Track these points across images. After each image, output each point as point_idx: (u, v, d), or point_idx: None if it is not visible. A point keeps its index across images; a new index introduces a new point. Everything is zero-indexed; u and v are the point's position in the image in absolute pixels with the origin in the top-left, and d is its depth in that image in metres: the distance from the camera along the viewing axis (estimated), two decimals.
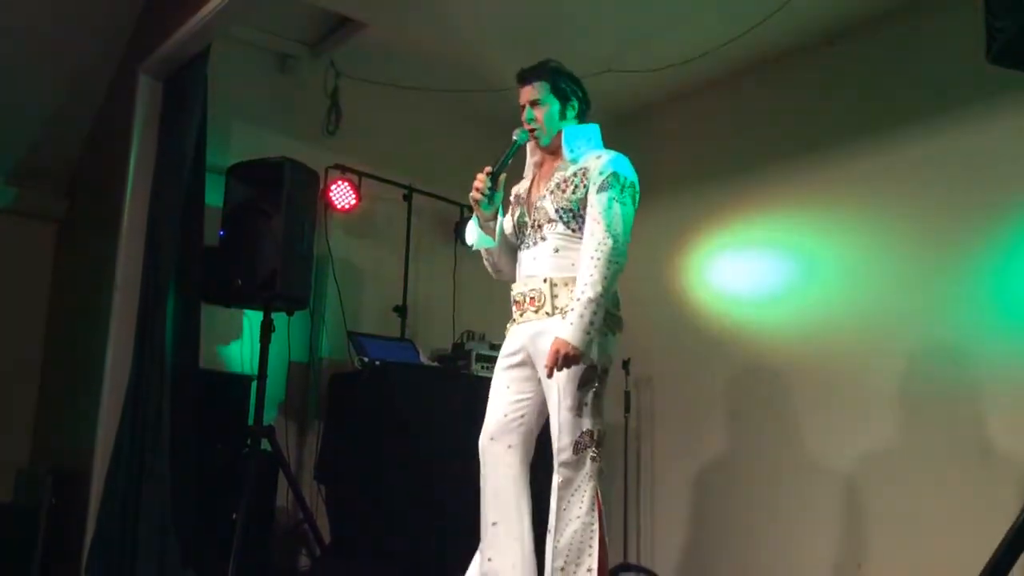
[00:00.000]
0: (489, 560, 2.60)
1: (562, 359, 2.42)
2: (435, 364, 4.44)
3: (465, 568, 2.72)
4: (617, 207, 2.54)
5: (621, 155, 2.67)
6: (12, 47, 4.16)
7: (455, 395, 3.92)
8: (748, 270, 4.52)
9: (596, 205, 2.55)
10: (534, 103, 2.73)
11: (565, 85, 2.74)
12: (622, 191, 2.57)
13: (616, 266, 2.49)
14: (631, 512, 4.67)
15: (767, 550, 4.13)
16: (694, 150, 4.91)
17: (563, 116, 2.74)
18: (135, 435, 3.56)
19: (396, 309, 4.67)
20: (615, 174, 2.58)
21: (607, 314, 2.51)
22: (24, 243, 4.75)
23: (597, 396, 2.53)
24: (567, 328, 2.43)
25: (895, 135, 3.94)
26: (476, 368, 4.29)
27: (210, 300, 3.86)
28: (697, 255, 4.79)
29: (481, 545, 2.64)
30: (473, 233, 2.82)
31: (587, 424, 2.50)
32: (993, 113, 3.59)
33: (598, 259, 2.48)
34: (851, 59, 4.16)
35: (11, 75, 4.24)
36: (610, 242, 2.49)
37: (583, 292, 2.45)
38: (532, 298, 2.63)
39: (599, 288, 2.44)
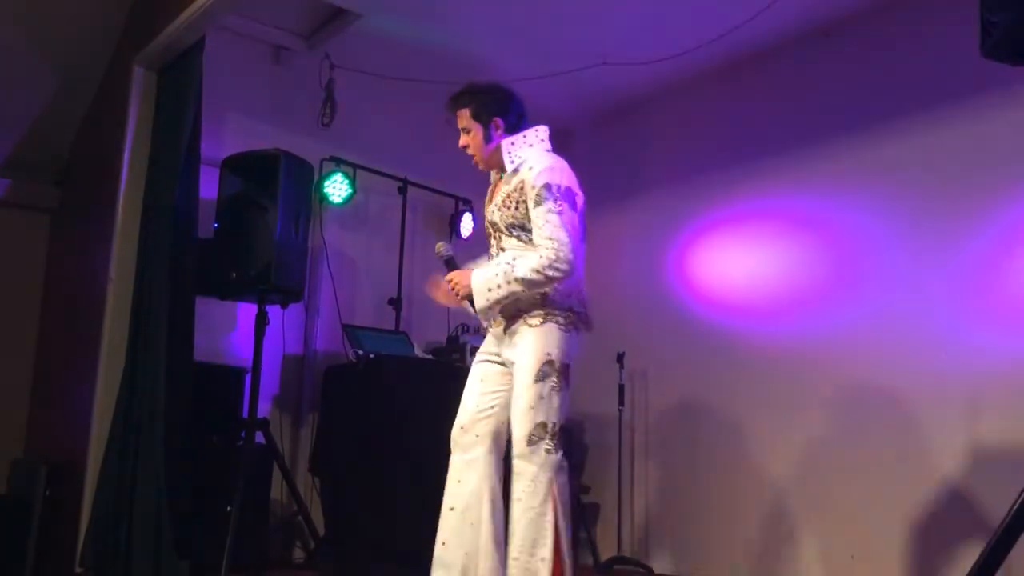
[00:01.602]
0: (443, 544, 2.67)
1: (458, 290, 2.68)
2: (429, 357, 4.44)
3: None
4: (555, 217, 2.59)
5: (552, 163, 2.70)
6: (4, 37, 4.14)
7: (449, 388, 3.90)
8: (741, 263, 4.52)
9: (537, 219, 2.62)
10: (464, 130, 2.83)
11: (485, 109, 2.79)
12: (556, 200, 2.61)
13: (557, 272, 2.55)
14: (624, 505, 4.68)
15: (760, 542, 4.15)
16: (688, 143, 4.90)
17: (488, 138, 2.79)
18: (129, 426, 3.56)
19: (391, 302, 4.67)
20: (547, 185, 2.63)
21: (570, 312, 2.63)
22: (17, 234, 4.74)
23: (554, 391, 2.58)
24: (480, 274, 2.63)
25: (889, 128, 3.94)
26: (471, 361, 4.27)
27: (204, 292, 3.85)
28: (690, 248, 4.79)
29: (438, 532, 2.71)
30: None
31: (541, 417, 2.55)
32: (987, 107, 3.60)
33: (541, 261, 2.55)
34: (847, 51, 4.16)
35: (4, 65, 4.22)
36: (553, 249, 2.55)
37: (515, 269, 2.56)
38: None
39: (529, 278, 2.54)
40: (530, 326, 2.62)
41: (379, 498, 3.79)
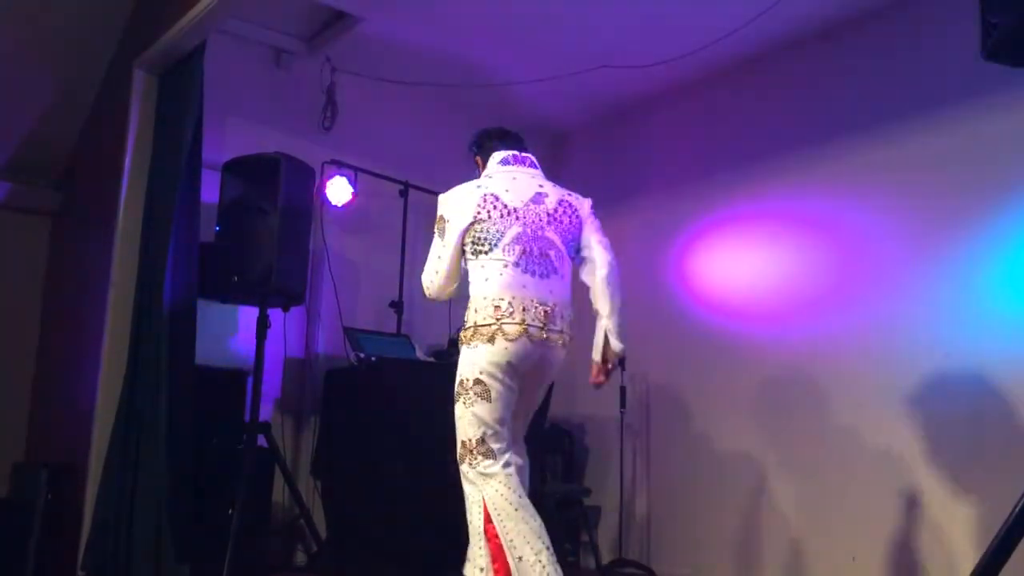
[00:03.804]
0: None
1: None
2: (431, 360, 4.44)
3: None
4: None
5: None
6: (6, 41, 4.14)
7: (450, 391, 3.91)
8: (741, 266, 4.52)
9: None
10: None
11: (470, 152, 3.12)
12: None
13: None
14: (626, 508, 4.68)
15: (762, 543, 4.14)
16: (687, 147, 4.91)
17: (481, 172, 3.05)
18: (131, 430, 3.56)
19: (392, 304, 4.67)
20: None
21: (468, 327, 2.74)
22: (18, 237, 4.74)
23: (466, 406, 2.68)
24: None
25: (890, 131, 3.94)
26: None
27: (206, 296, 3.86)
28: (691, 250, 4.79)
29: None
30: None
31: (461, 437, 2.69)
32: (987, 110, 3.60)
33: None
34: (847, 53, 4.16)
35: (5, 69, 4.23)
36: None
37: None
38: None
39: None
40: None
41: (381, 501, 3.79)
